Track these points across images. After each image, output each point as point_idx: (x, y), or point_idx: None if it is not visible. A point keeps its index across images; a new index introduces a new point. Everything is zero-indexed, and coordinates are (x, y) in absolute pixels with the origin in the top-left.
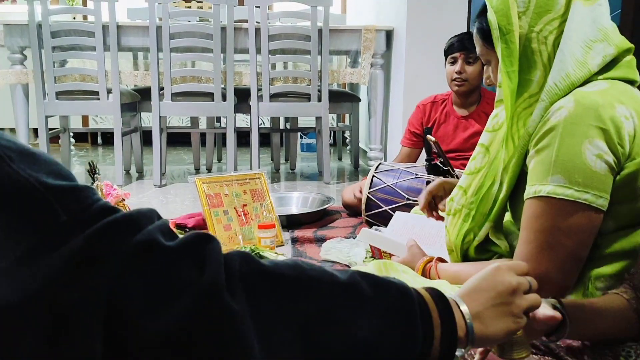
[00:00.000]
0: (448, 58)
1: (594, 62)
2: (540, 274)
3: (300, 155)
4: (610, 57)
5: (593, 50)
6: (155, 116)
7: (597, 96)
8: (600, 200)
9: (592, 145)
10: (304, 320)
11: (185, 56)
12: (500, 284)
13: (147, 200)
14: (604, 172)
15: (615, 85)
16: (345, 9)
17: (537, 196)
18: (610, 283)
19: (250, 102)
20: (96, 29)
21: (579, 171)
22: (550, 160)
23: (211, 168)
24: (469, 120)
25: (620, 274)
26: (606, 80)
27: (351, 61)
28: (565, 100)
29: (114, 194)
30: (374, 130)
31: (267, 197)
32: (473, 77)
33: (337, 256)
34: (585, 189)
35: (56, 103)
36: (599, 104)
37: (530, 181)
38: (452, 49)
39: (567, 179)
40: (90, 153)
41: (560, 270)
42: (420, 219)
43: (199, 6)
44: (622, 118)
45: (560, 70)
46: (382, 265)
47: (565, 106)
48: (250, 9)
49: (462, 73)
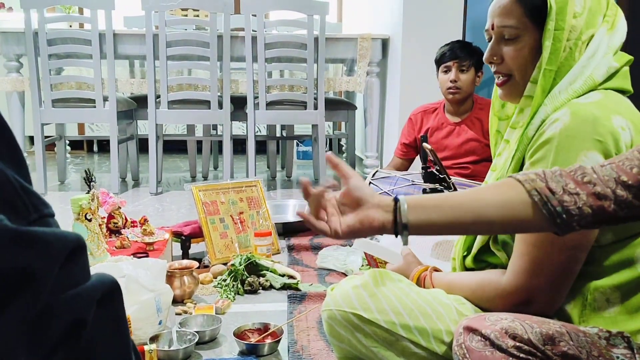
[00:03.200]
0: (440, 67)
1: (599, 72)
2: (531, 287)
3: (296, 163)
4: (613, 69)
5: (601, 64)
6: (152, 124)
7: (593, 108)
8: None
9: (587, 158)
10: None
11: (181, 64)
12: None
13: (143, 208)
14: None
15: (608, 95)
16: (341, 17)
17: None
18: (610, 294)
19: (247, 109)
20: (93, 36)
21: None
22: None
23: (207, 176)
24: (462, 127)
25: (620, 286)
26: (599, 91)
27: (347, 69)
28: (561, 113)
29: (110, 202)
30: (370, 138)
31: (264, 204)
32: (466, 84)
33: (334, 264)
34: None
35: (52, 111)
36: (596, 116)
37: None
38: (445, 58)
39: None
40: (86, 161)
41: (551, 285)
42: None
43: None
44: (619, 129)
45: (570, 83)
46: (378, 274)
47: (561, 119)
48: (246, 18)
49: (457, 81)
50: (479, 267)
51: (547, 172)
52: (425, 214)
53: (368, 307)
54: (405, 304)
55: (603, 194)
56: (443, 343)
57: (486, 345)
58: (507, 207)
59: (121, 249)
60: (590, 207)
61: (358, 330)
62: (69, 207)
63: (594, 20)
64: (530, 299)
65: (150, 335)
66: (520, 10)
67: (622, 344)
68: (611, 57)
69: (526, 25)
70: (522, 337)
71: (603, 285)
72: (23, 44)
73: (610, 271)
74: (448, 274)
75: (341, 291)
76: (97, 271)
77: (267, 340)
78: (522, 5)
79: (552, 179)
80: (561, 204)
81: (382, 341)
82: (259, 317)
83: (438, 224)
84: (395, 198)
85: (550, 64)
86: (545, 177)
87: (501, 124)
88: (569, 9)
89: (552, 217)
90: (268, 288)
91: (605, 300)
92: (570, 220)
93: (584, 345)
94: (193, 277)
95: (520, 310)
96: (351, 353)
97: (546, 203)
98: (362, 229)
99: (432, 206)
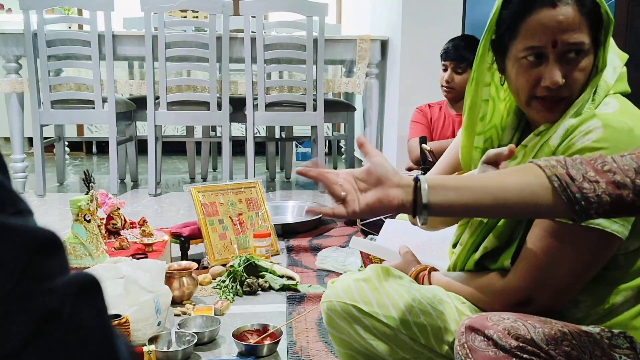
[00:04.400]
0: (442, 63)
1: (609, 75)
2: (532, 291)
3: (295, 164)
4: (619, 69)
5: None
6: (151, 125)
7: (621, 117)
8: (626, 230)
9: None
10: None
11: (180, 65)
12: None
13: (142, 209)
14: None
15: (623, 101)
16: (340, 19)
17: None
18: (630, 295)
19: (246, 111)
20: (92, 38)
21: None
22: None
23: (206, 177)
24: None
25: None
26: (612, 96)
27: (346, 71)
28: (592, 124)
29: (109, 203)
30: (369, 139)
31: (263, 206)
32: (460, 85)
33: (333, 265)
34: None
35: (51, 112)
36: (630, 127)
37: None
38: (445, 55)
39: None
40: (85, 162)
41: (554, 292)
42: (409, 226)
43: (195, 16)
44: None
45: (595, 94)
46: (380, 270)
47: (594, 130)
48: (245, 19)
49: (450, 82)
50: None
51: (568, 159)
52: (445, 195)
53: (369, 300)
54: (406, 301)
55: (622, 183)
56: (442, 341)
57: (489, 346)
58: (527, 191)
59: (120, 250)
60: (609, 196)
61: (357, 322)
62: (68, 208)
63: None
64: (529, 299)
65: (149, 336)
66: (587, 24)
67: (625, 344)
68: (613, 54)
69: (589, 39)
70: (525, 337)
71: (627, 287)
72: (22, 45)
73: (635, 276)
74: (447, 274)
75: (342, 283)
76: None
77: (266, 341)
78: (588, 19)
79: (573, 166)
80: (580, 191)
81: (381, 335)
82: (258, 318)
83: (457, 205)
84: (415, 178)
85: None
86: (566, 164)
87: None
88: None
89: (571, 203)
90: (267, 289)
91: (625, 302)
92: (589, 207)
93: (587, 345)
94: (192, 278)
95: (518, 310)
96: (350, 344)
97: (566, 189)
98: (381, 207)
99: (452, 187)
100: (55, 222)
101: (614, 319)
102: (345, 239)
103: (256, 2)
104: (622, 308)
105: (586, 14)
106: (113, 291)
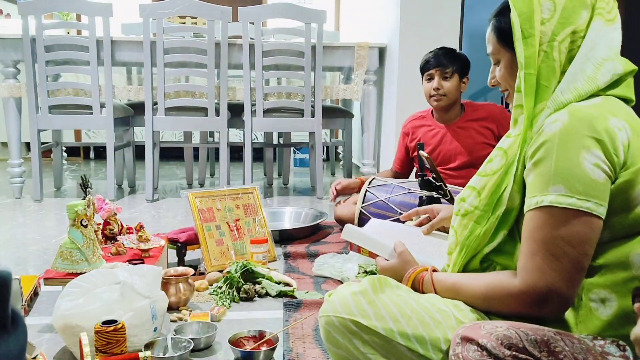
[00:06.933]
0: (425, 75)
1: (603, 78)
2: (547, 284)
3: (293, 170)
4: (617, 76)
5: (604, 68)
6: (148, 131)
7: (591, 109)
8: (601, 208)
9: (589, 154)
10: None
11: (179, 71)
12: None
13: (139, 215)
14: (602, 180)
15: (608, 99)
16: (338, 26)
17: (539, 207)
18: (605, 296)
19: (244, 117)
20: (90, 43)
21: (579, 180)
22: (550, 171)
23: (204, 183)
24: (450, 132)
25: (615, 287)
26: (599, 96)
27: (344, 77)
28: (560, 114)
29: (106, 208)
30: (367, 146)
31: (260, 212)
32: (450, 91)
33: (330, 271)
34: (587, 198)
35: (49, 117)
36: (593, 116)
37: (529, 193)
38: (428, 65)
39: (568, 188)
40: (83, 167)
41: (566, 281)
42: (394, 226)
43: (193, 22)
44: (615, 129)
45: (570, 82)
46: (377, 281)
47: (560, 119)
48: (244, 25)
49: (440, 89)
50: (483, 267)
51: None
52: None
53: (366, 313)
54: (404, 312)
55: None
56: (441, 351)
57: (483, 356)
58: None
59: (117, 255)
60: None
61: (355, 336)
62: (64, 213)
63: (573, 17)
64: (547, 297)
65: (145, 342)
66: (495, 37)
67: (618, 352)
68: (617, 62)
69: (499, 49)
70: (517, 345)
71: (596, 283)
72: (20, 50)
73: (604, 270)
74: (451, 275)
75: (339, 297)
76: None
77: (263, 347)
78: (496, 33)
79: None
80: None
81: (380, 348)
82: (255, 324)
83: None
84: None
85: (528, 67)
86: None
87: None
88: (535, 17)
89: None
90: (264, 295)
91: (600, 301)
92: None
93: (579, 351)
94: (189, 284)
95: (535, 311)
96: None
97: None
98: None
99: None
100: (52, 227)
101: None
102: (343, 245)
103: (255, 9)
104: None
105: (497, 30)
106: (109, 297)
